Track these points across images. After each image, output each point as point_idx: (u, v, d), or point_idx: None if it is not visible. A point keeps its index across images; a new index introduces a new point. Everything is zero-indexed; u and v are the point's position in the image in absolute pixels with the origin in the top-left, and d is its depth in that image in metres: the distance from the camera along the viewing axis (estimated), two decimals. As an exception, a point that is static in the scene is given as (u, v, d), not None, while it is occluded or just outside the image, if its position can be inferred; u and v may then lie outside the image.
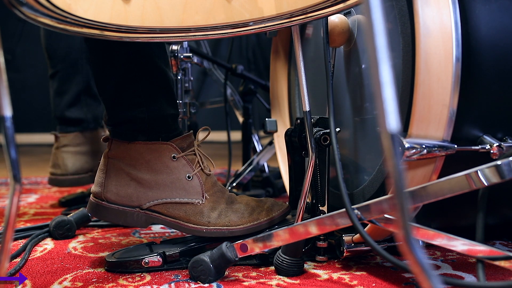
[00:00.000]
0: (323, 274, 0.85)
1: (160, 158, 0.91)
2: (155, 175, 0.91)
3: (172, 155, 0.91)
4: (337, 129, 0.88)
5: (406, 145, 0.72)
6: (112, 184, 0.91)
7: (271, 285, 0.80)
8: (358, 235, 0.85)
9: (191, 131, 0.98)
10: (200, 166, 0.94)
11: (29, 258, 0.95)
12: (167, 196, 0.91)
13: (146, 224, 0.92)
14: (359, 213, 0.76)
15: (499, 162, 0.66)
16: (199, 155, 0.94)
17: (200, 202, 0.92)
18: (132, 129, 0.91)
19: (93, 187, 0.93)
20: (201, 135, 0.98)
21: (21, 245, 1.00)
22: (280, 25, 0.75)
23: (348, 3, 0.72)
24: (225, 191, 0.96)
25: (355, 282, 0.80)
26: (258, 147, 1.64)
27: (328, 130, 0.89)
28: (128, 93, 0.91)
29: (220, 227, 0.92)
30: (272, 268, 0.87)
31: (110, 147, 0.92)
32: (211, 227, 0.92)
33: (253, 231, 0.93)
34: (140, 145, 0.91)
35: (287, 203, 1.00)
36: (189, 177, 0.92)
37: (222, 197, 0.95)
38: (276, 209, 0.96)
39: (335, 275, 0.84)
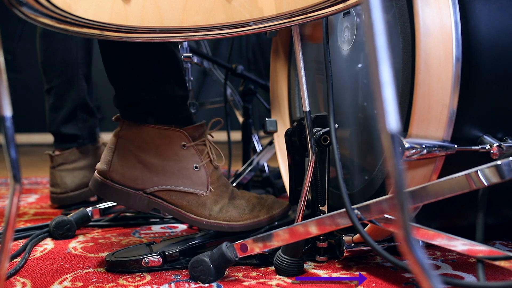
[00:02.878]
0: (323, 274, 0.85)
1: (171, 144, 0.90)
2: (163, 161, 0.90)
3: (183, 143, 0.91)
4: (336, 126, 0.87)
5: (406, 145, 0.72)
6: (119, 164, 0.90)
7: (271, 285, 0.80)
8: (358, 235, 0.85)
9: (204, 121, 0.97)
10: (209, 157, 0.94)
11: (29, 258, 0.95)
12: (172, 184, 0.91)
13: (147, 208, 0.92)
14: (359, 213, 0.76)
15: (499, 162, 0.66)
16: (209, 146, 0.94)
17: (204, 193, 0.92)
18: (142, 111, 0.91)
19: (99, 164, 0.92)
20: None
21: (21, 245, 1.00)
22: (280, 25, 0.75)
23: (348, 3, 0.72)
24: (229, 186, 0.96)
25: (355, 282, 0.80)
26: (258, 147, 1.64)
27: (327, 129, 0.88)
28: (137, 74, 0.90)
29: (221, 222, 0.92)
30: (272, 268, 0.87)
31: (121, 126, 0.92)
32: (212, 220, 0.92)
33: (252, 228, 0.93)
34: (151, 128, 0.90)
35: (287, 201, 1.00)
36: (196, 167, 0.92)
37: (226, 192, 0.95)
38: (276, 207, 0.96)
39: (335, 275, 0.84)
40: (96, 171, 0.92)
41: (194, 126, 0.92)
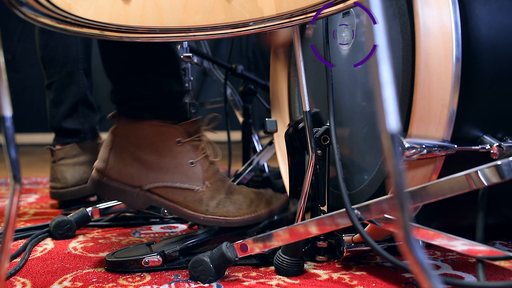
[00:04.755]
0: (323, 274, 0.85)
1: (166, 141, 0.91)
2: (159, 157, 0.91)
3: (178, 140, 0.91)
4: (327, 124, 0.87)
5: (406, 145, 0.72)
6: (115, 162, 0.90)
7: (271, 285, 0.80)
8: (358, 235, 0.85)
9: (200, 116, 0.97)
10: (204, 153, 0.94)
11: (29, 258, 0.95)
12: (168, 180, 0.91)
13: (144, 205, 0.92)
14: (359, 213, 0.76)
15: (499, 162, 0.66)
16: (205, 141, 0.94)
17: (200, 189, 0.92)
18: (138, 106, 0.91)
19: (97, 162, 0.92)
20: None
21: (21, 245, 1.00)
22: (280, 25, 0.75)
23: (348, 3, 0.72)
24: (226, 180, 0.96)
25: (355, 282, 0.80)
26: (258, 147, 1.64)
27: (326, 127, 0.88)
28: (135, 69, 0.91)
29: (218, 217, 0.92)
30: (272, 268, 0.87)
31: (117, 124, 0.92)
32: (209, 216, 0.92)
33: (251, 222, 0.93)
34: (147, 125, 0.90)
35: (286, 194, 1.00)
36: (192, 163, 0.92)
37: (223, 187, 0.95)
38: (275, 201, 0.96)
39: (335, 275, 0.84)
40: (94, 169, 0.92)
41: (189, 122, 0.93)
